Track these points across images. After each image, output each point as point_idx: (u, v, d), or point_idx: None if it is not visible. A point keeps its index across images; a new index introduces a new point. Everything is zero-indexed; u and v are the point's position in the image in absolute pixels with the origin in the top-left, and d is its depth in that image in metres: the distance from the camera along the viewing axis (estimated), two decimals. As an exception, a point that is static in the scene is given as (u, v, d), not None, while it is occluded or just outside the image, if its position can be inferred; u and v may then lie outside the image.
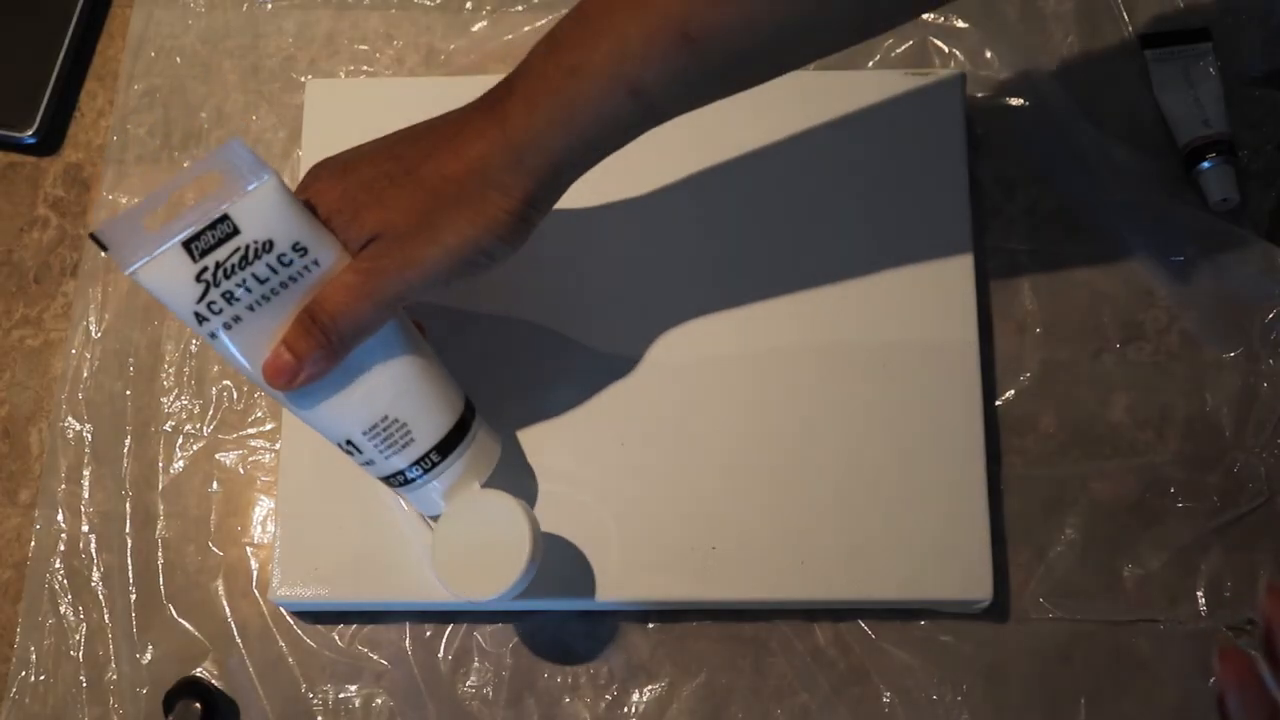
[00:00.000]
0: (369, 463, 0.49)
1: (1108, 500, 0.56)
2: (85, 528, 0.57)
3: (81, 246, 0.61)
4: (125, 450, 0.58)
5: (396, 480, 0.49)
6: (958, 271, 0.57)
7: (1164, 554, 0.55)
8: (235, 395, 0.59)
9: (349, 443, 0.48)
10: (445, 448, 0.49)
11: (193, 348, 0.59)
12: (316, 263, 0.45)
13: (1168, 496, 0.56)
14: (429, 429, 0.48)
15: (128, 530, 0.57)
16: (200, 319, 0.45)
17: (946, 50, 0.63)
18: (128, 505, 0.57)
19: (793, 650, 0.54)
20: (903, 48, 0.63)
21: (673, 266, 0.57)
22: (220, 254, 0.44)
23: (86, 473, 0.58)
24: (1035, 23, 0.63)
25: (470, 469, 0.50)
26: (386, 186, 0.45)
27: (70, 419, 0.58)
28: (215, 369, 0.59)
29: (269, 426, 0.58)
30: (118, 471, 0.58)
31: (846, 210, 0.58)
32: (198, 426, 0.58)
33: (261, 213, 0.44)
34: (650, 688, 0.54)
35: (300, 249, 0.45)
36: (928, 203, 0.58)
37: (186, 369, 0.59)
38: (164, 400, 0.59)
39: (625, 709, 0.54)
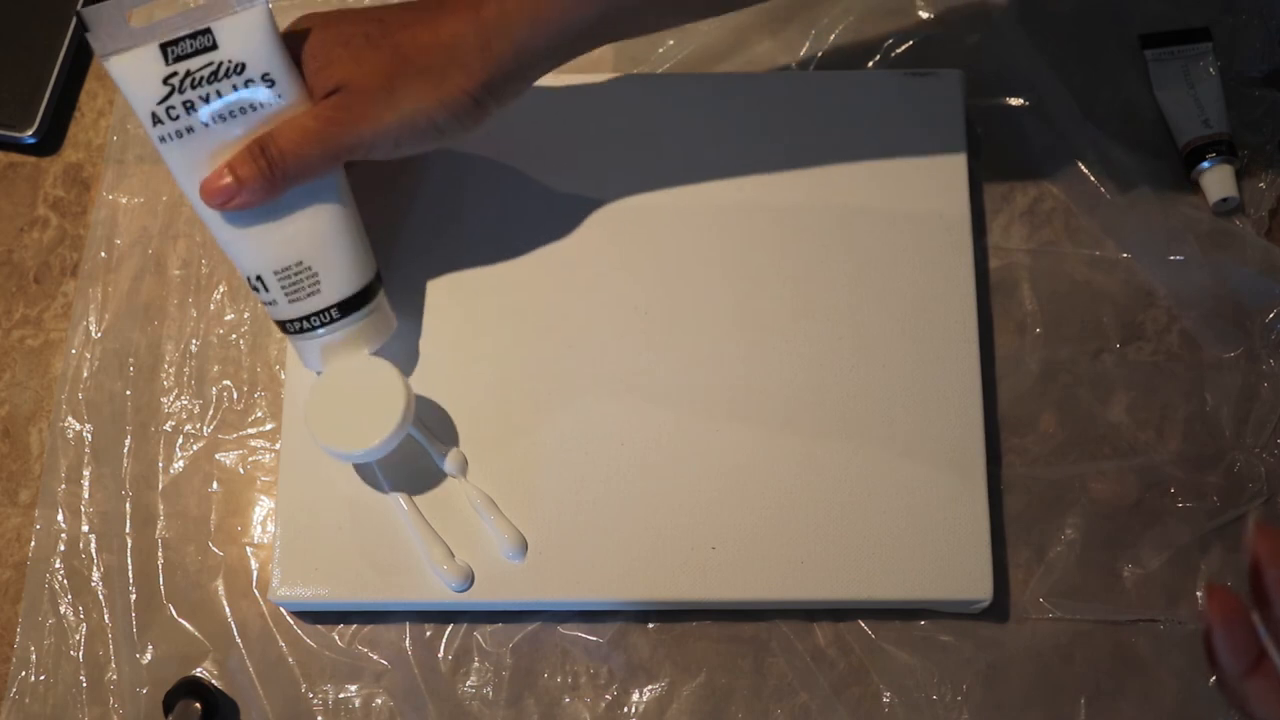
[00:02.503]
0: (271, 303, 0.51)
1: (1108, 500, 0.56)
2: (85, 528, 0.57)
3: (81, 246, 0.61)
4: (125, 450, 0.58)
5: (293, 327, 0.51)
6: (958, 272, 0.57)
7: (1164, 554, 0.55)
8: (235, 395, 0.59)
9: (259, 278, 0.50)
10: (347, 307, 0.51)
11: (193, 347, 0.59)
12: (280, 97, 0.48)
13: (1168, 496, 0.56)
14: (336, 285, 0.51)
15: (128, 530, 0.57)
16: (156, 120, 0.47)
17: (946, 50, 0.63)
18: (128, 505, 0.57)
19: (793, 650, 0.54)
20: (903, 48, 0.63)
21: (673, 267, 0.57)
22: (193, 64, 0.46)
23: (86, 473, 0.58)
24: (1035, 23, 0.63)
25: (363, 336, 0.52)
26: (362, 45, 0.48)
27: (70, 419, 0.58)
28: (215, 369, 0.59)
29: (269, 426, 0.58)
30: (118, 471, 0.58)
31: (846, 210, 0.58)
32: (198, 426, 0.58)
33: (243, 35, 0.47)
34: (650, 688, 0.54)
35: (269, 80, 0.47)
36: (928, 203, 0.58)
37: (186, 369, 0.59)
38: (164, 400, 0.59)
39: (625, 709, 0.54)
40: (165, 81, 0.46)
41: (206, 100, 0.47)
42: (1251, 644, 0.37)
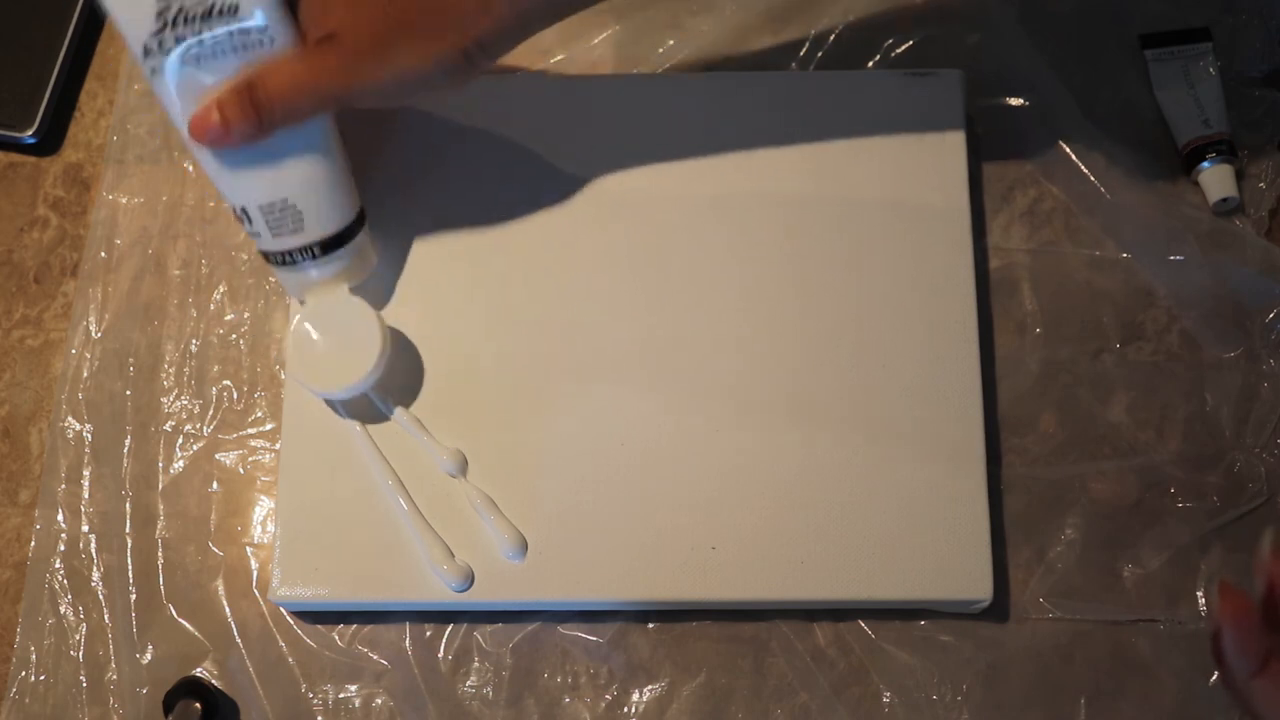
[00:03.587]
0: (256, 234, 0.52)
1: (1108, 500, 0.56)
2: (85, 528, 0.57)
3: (81, 246, 0.61)
4: (125, 450, 0.58)
5: (276, 259, 0.52)
6: (958, 271, 0.57)
7: (1164, 554, 0.55)
8: (235, 395, 0.59)
9: (244, 210, 0.51)
10: (329, 245, 0.52)
11: (193, 347, 0.59)
12: (272, 40, 0.48)
13: (1168, 496, 0.56)
14: (320, 224, 0.52)
15: (128, 530, 0.57)
16: (148, 51, 0.47)
17: (946, 50, 0.63)
18: (128, 505, 0.57)
19: (793, 650, 0.54)
20: (903, 48, 0.63)
21: (673, 266, 0.57)
22: (187, 1, 0.47)
23: (86, 473, 0.58)
24: (1035, 23, 0.63)
25: (345, 273, 0.54)
26: None
27: (70, 419, 0.58)
28: (215, 369, 0.59)
29: (269, 426, 0.58)
30: (118, 471, 0.58)
31: (846, 210, 0.58)
32: (198, 426, 0.58)
33: None
34: (650, 688, 0.54)
35: (263, 23, 0.47)
36: (928, 203, 0.58)
37: (186, 369, 0.59)
38: (164, 400, 0.59)
39: (625, 709, 0.54)
40: (159, 16, 0.47)
41: (199, 38, 0.47)
42: (1261, 644, 0.37)
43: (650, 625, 0.55)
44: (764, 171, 0.58)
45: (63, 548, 0.57)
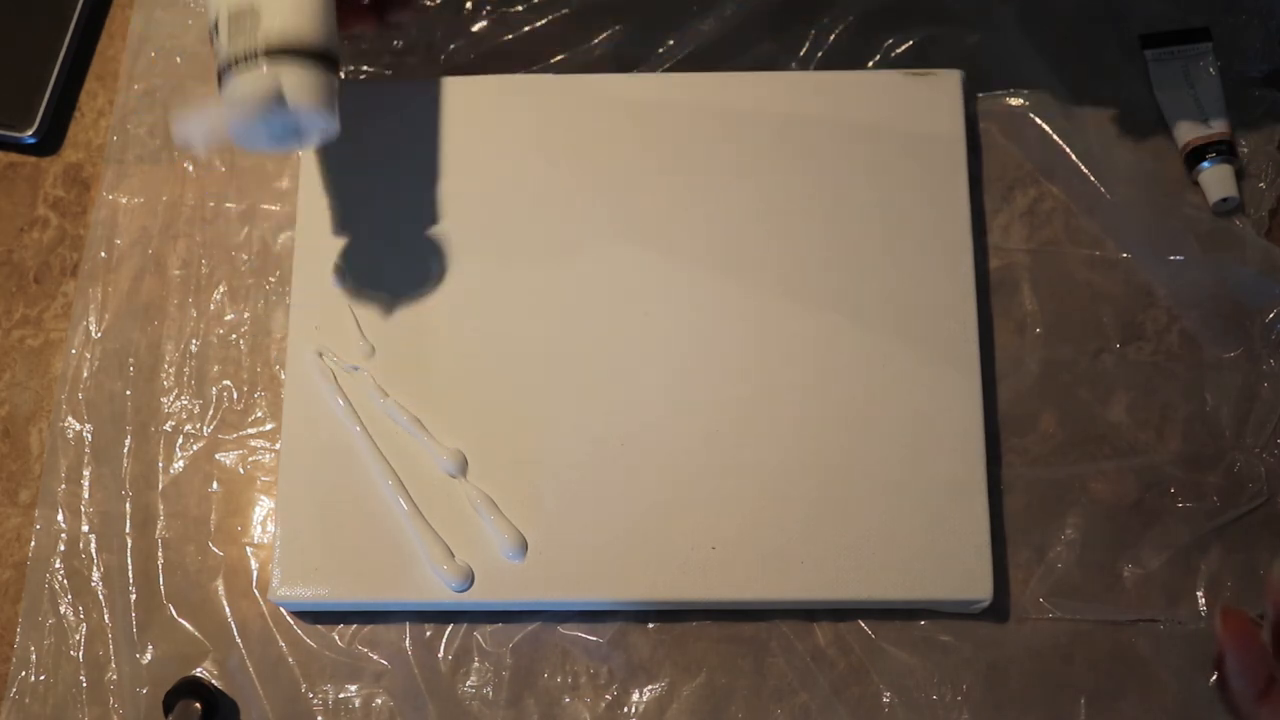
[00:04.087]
0: (218, 50, 0.50)
1: (1108, 500, 0.56)
2: (85, 528, 0.57)
3: (81, 246, 0.61)
4: (125, 450, 0.58)
5: (226, 68, 0.49)
6: (958, 272, 0.57)
7: (1164, 554, 0.55)
8: (235, 395, 0.59)
9: (215, 22, 0.50)
10: (276, 56, 0.49)
11: (193, 347, 0.59)
12: None
13: (1168, 496, 0.56)
14: (271, 24, 0.49)
15: (128, 530, 0.57)
16: None
17: (946, 50, 0.63)
18: (128, 505, 0.57)
19: (793, 650, 0.54)
20: (903, 48, 0.63)
21: (674, 267, 0.57)
22: None
23: (86, 473, 0.58)
24: (1035, 23, 0.63)
25: (291, 90, 0.49)
26: None
27: (70, 419, 0.58)
28: (215, 369, 0.59)
29: (269, 426, 0.58)
30: (118, 471, 0.58)
31: (846, 210, 0.58)
32: (198, 426, 0.58)
33: None
34: (650, 688, 0.54)
35: None
36: (928, 203, 0.58)
37: (186, 369, 0.59)
38: (164, 400, 0.59)
39: (625, 709, 0.54)
40: None
41: None
42: (1264, 667, 0.37)
43: (650, 625, 0.55)
44: (763, 172, 0.58)
45: (63, 548, 0.57)
